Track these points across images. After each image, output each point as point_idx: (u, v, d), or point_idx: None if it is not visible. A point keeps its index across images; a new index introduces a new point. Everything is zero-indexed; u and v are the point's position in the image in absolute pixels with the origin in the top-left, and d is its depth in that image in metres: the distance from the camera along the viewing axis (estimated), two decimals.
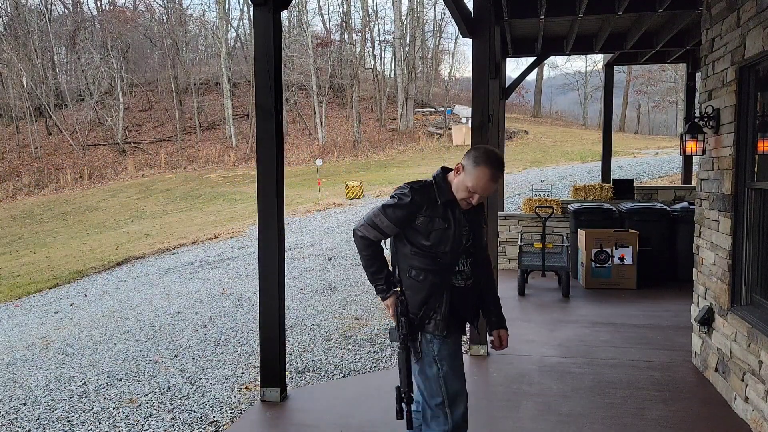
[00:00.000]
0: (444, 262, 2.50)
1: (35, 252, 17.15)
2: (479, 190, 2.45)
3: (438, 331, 2.50)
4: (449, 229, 2.49)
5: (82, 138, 36.64)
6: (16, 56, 36.69)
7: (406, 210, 2.48)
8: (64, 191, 30.22)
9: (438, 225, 2.48)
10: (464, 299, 2.59)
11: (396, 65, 39.07)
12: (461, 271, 2.56)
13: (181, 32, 42.30)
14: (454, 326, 2.57)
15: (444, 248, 2.49)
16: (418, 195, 2.48)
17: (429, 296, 2.51)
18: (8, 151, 35.79)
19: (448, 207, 2.50)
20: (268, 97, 3.82)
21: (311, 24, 46.64)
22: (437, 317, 2.51)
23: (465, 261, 2.56)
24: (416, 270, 2.51)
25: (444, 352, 2.52)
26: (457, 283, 2.55)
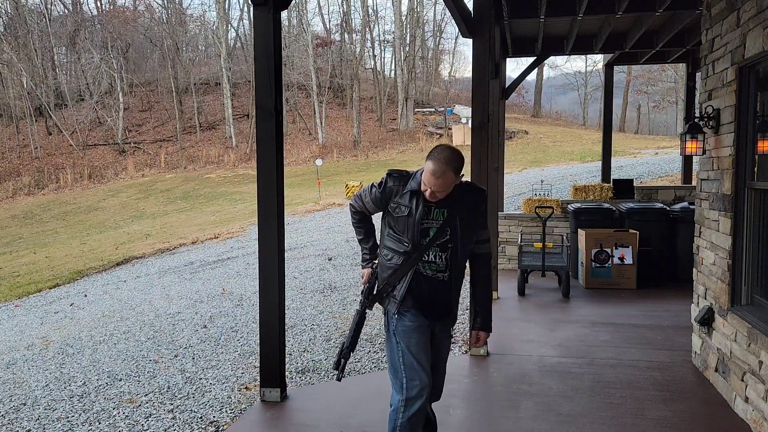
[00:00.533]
0: (408, 249, 2.69)
1: (35, 252, 17.14)
2: (426, 183, 2.60)
3: (393, 310, 2.75)
4: (410, 217, 2.67)
5: (82, 138, 36.64)
6: (16, 56, 36.69)
7: (380, 193, 2.76)
8: (64, 191, 30.22)
9: (402, 212, 2.69)
10: (432, 290, 2.73)
11: (396, 65, 39.06)
12: (431, 263, 2.70)
13: (181, 32, 42.29)
14: (415, 310, 2.74)
15: (407, 235, 2.68)
16: (393, 181, 2.74)
17: (390, 276, 2.74)
18: (8, 151, 35.79)
19: (414, 197, 2.68)
20: (268, 97, 3.82)
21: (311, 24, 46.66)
22: (395, 297, 2.74)
23: (439, 254, 2.69)
24: (386, 249, 2.77)
25: (399, 328, 2.74)
26: (424, 272, 2.71)
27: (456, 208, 2.69)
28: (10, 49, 36.42)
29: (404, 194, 2.69)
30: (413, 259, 2.70)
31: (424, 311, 2.77)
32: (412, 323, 2.75)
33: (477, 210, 2.76)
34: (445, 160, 2.57)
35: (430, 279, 2.72)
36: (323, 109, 36.71)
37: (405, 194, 2.69)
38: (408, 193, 2.69)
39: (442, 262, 2.71)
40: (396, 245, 2.73)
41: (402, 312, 2.75)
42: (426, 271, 2.72)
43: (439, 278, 2.72)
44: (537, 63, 9.11)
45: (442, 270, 2.72)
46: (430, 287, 2.73)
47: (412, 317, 2.75)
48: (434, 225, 2.68)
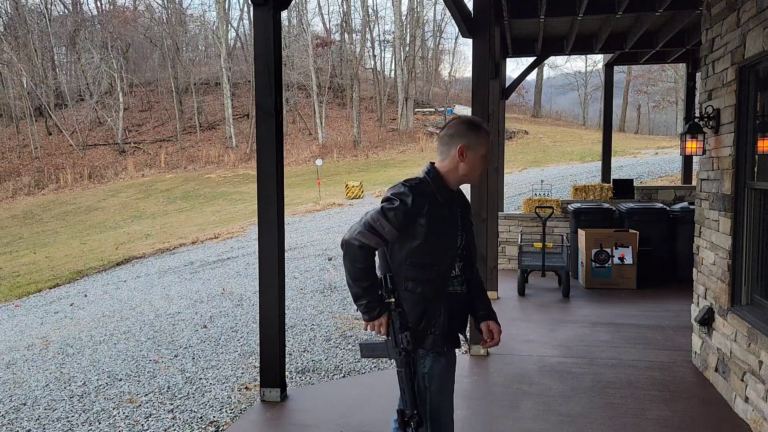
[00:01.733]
0: (442, 269, 2.29)
1: (35, 252, 17.15)
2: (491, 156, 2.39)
3: (437, 347, 2.28)
4: (449, 230, 2.30)
5: (82, 138, 36.64)
6: (16, 56, 36.69)
7: (408, 212, 2.21)
8: (64, 191, 30.23)
9: (439, 227, 2.26)
10: (460, 307, 2.40)
11: (396, 65, 39.07)
12: (457, 276, 2.36)
13: (181, 32, 42.31)
14: (451, 340, 2.35)
15: (442, 252, 2.28)
16: (419, 194, 2.24)
17: (426, 309, 2.27)
18: (8, 151, 35.79)
19: (449, 205, 2.32)
20: (268, 97, 3.82)
21: (311, 24, 46.68)
22: (436, 332, 2.28)
23: (459, 264, 2.37)
24: (413, 282, 2.27)
25: (435, 370, 2.30)
26: (453, 290, 2.34)
27: (462, 206, 2.41)
28: (10, 49, 36.43)
29: (438, 205, 2.27)
30: (447, 279, 2.31)
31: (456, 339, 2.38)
32: (449, 361, 2.35)
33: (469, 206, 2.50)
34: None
35: (458, 296, 2.36)
36: (323, 109, 36.71)
37: (439, 205, 2.27)
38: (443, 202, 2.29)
39: (461, 273, 2.38)
40: (423, 271, 2.26)
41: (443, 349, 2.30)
42: (455, 288, 2.35)
43: (464, 292, 2.39)
44: (537, 63, 9.10)
45: (463, 282, 2.39)
46: (458, 306, 2.37)
47: (450, 353, 2.36)
48: (458, 231, 2.36)
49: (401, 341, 2.25)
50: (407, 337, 2.24)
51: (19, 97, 37.21)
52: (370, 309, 2.30)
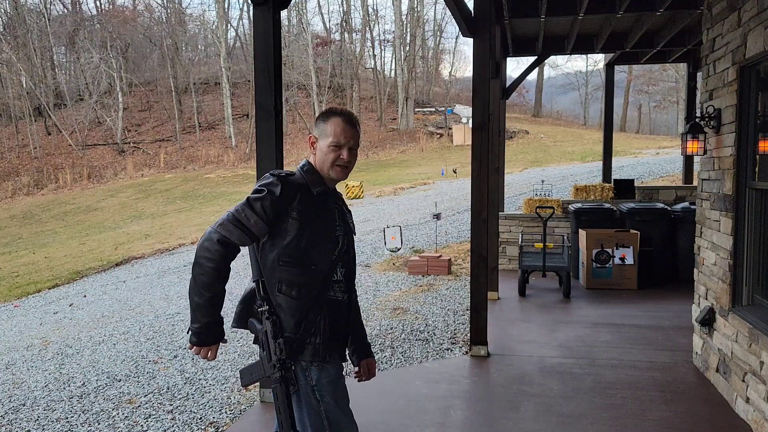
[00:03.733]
0: (320, 270, 2.07)
1: (34, 252, 17.13)
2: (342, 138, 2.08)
3: (318, 358, 2.06)
4: (326, 226, 2.09)
5: (82, 138, 36.62)
6: (15, 56, 36.68)
7: (276, 203, 2.00)
8: (63, 191, 30.21)
9: (313, 222, 2.05)
10: (342, 316, 2.18)
11: (396, 65, 39.06)
12: (338, 282, 2.14)
13: (180, 32, 42.29)
14: (335, 349, 2.15)
15: (320, 250, 2.06)
16: (288, 184, 2.04)
17: (305, 316, 2.04)
18: (7, 151, 35.78)
19: (323, 199, 2.12)
20: (268, 96, 3.80)
21: (311, 23, 46.67)
22: (317, 340, 2.06)
23: (341, 270, 2.15)
24: (287, 284, 2.04)
25: (324, 380, 2.08)
26: (334, 296, 2.13)
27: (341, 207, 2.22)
28: (10, 49, 36.41)
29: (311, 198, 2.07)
30: (324, 284, 2.08)
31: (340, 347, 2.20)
32: (336, 370, 2.13)
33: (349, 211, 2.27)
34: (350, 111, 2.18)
35: (339, 303, 2.15)
36: (323, 108, 36.68)
37: (312, 197, 2.08)
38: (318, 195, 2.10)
39: (343, 279, 2.17)
40: (298, 272, 2.04)
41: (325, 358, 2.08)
42: (336, 294, 2.13)
43: (346, 300, 2.19)
44: (537, 62, 9.09)
45: (344, 289, 2.18)
46: (340, 314, 2.16)
47: (336, 362, 2.14)
48: (339, 232, 2.15)
49: (275, 350, 2.01)
50: (280, 345, 2.00)
51: (18, 96, 37.20)
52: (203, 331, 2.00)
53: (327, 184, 2.15)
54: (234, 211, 2.01)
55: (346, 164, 2.12)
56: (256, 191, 2.04)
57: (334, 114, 2.13)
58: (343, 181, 2.32)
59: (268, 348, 2.03)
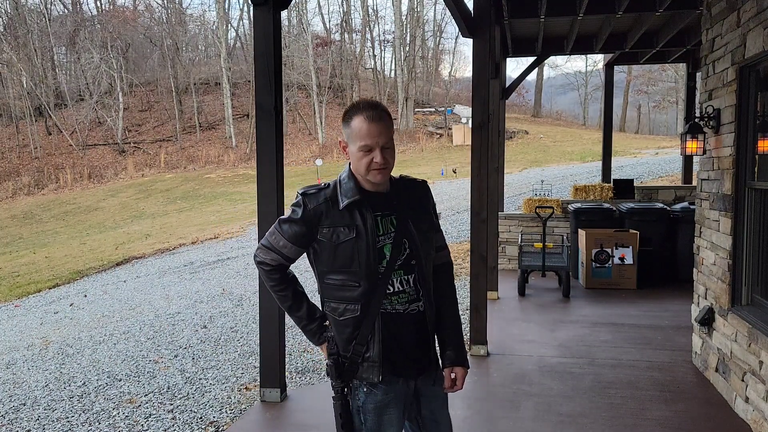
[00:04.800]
0: (366, 287, 1.92)
1: (35, 252, 17.14)
2: (368, 139, 1.88)
3: (373, 377, 1.95)
4: (360, 239, 1.92)
5: (82, 138, 36.63)
6: (15, 56, 36.69)
7: (301, 223, 1.96)
8: (63, 191, 30.22)
9: (343, 236, 1.92)
10: (408, 330, 1.98)
11: (396, 65, 39.07)
12: (399, 293, 1.96)
13: (180, 32, 42.29)
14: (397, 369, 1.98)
15: (358, 269, 1.92)
16: (313, 201, 1.96)
17: (353, 335, 1.95)
18: (8, 151, 35.79)
19: (355, 210, 1.94)
20: (268, 96, 3.81)
21: (311, 24, 46.64)
22: (369, 359, 1.94)
23: (405, 278, 1.97)
24: (334, 301, 1.98)
25: (369, 405, 1.97)
26: (392, 308, 1.96)
27: (403, 210, 2.00)
28: (10, 49, 36.43)
29: (339, 212, 1.94)
30: (376, 298, 1.93)
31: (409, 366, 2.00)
32: (386, 396, 1.97)
33: (427, 208, 2.08)
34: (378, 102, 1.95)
35: (402, 317, 1.97)
36: (323, 108, 36.70)
37: (340, 211, 1.94)
38: (348, 206, 1.94)
39: (411, 288, 1.98)
40: (343, 290, 1.95)
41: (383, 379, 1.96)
42: (395, 306, 1.96)
43: (414, 311, 1.99)
44: (537, 63, 9.10)
45: (414, 299, 1.99)
46: (408, 327, 1.99)
47: (386, 387, 1.97)
48: (387, 240, 1.96)
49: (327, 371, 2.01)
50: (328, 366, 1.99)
51: (18, 97, 37.21)
52: (309, 334, 2.08)
53: (369, 189, 1.98)
54: (269, 233, 2.05)
55: (383, 166, 1.91)
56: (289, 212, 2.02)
57: (356, 112, 1.91)
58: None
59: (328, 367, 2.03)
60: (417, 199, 2.06)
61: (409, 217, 2.00)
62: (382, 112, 1.92)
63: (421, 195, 2.08)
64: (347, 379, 1.97)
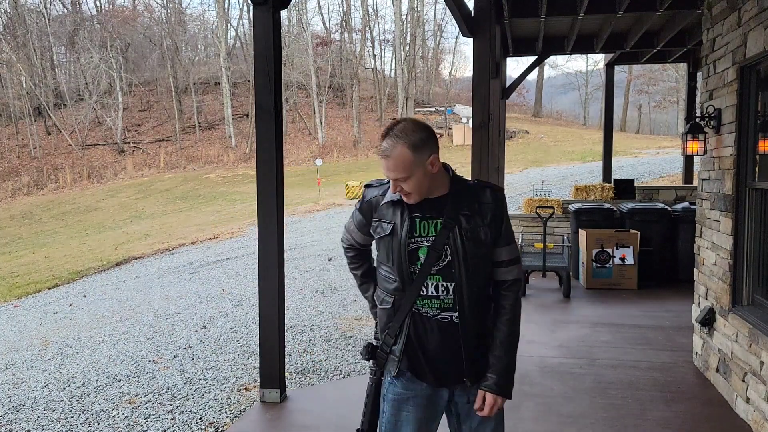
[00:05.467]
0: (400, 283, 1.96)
1: (34, 252, 17.13)
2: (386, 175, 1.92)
3: (392, 369, 2.00)
4: (393, 237, 1.95)
5: (81, 138, 36.63)
6: (15, 56, 36.68)
7: (360, 212, 2.09)
8: (63, 191, 30.22)
9: (381, 231, 1.99)
10: (434, 337, 1.96)
11: (396, 65, 39.08)
12: (432, 298, 1.94)
13: (180, 32, 42.30)
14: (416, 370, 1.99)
15: (393, 264, 1.96)
16: (369, 194, 2.05)
17: (387, 323, 2.01)
18: (7, 151, 35.78)
19: (397, 207, 1.96)
20: (268, 96, 3.80)
21: (311, 23, 46.66)
22: (394, 351, 1.99)
23: (443, 285, 1.94)
24: (380, 289, 2.07)
25: (389, 395, 2.02)
26: (423, 311, 1.95)
27: (452, 216, 1.93)
28: (10, 49, 36.42)
29: (385, 204, 1.99)
30: (407, 297, 1.96)
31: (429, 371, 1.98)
32: (405, 392, 2.01)
33: (488, 217, 1.95)
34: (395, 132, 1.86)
35: (434, 322, 1.95)
36: (323, 108, 36.71)
37: (386, 205, 1.98)
38: (389, 203, 1.98)
39: (448, 297, 1.93)
40: (385, 282, 2.02)
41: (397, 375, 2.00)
42: (426, 310, 1.95)
43: (446, 320, 1.94)
44: (538, 62, 9.09)
45: (449, 307, 1.94)
46: (434, 333, 1.96)
47: (405, 383, 2.01)
48: (424, 243, 1.93)
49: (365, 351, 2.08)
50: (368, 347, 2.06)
51: (18, 96, 37.21)
52: (373, 315, 2.18)
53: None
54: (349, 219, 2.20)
55: (402, 192, 1.92)
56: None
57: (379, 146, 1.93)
58: (345, 181, 2.29)
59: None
60: (478, 207, 1.95)
61: (458, 224, 1.92)
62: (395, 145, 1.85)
63: (486, 203, 1.96)
64: (379, 362, 2.03)
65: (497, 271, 2.00)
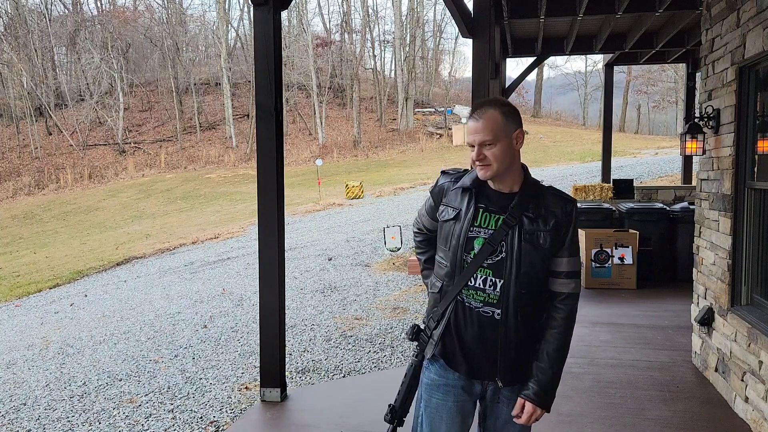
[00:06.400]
0: (451, 270, 1.98)
1: (35, 252, 17.15)
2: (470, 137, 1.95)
3: (428, 352, 2.02)
4: (457, 222, 1.97)
5: (82, 138, 36.65)
6: (16, 56, 36.71)
7: (432, 196, 2.13)
8: (64, 191, 30.24)
9: (448, 215, 2.01)
10: (473, 329, 1.96)
11: (396, 65, 39.08)
12: (479, 290, 1.94)
13: (181, 32, 42.30)
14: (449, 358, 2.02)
15: (448, 249, 2.00)
16: (443, 179, 2.09)
17: (433, 307, 2.05)
18: (8, 151, 35.80)
19: (466, 194, 1.99)
20: (268, 97, 3.82)
21: (311, 24, 46.68)
22: (433, 336, 2.02)
23: (492, 279, 1.94)
24: (433, 274, 2.12)
25: (425, 380, 2.06)
26: (467, 301, 1.96)
27: (516, 214, 1.93)
28: (10, 49, 36.44)
29: (454, 190, 2.03)
30: (456, 284, 1.97)
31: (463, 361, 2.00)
32: (438, 378, 2.05)
33: (551, 223, 1.93)
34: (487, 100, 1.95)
35: (475, 314, 1.95)
36: (323, 109, 36.72)
37: (455, 191, 2.02)
38: (459, 189, 2.01)
39: (495, 292, 1.93)
40: (439, 267, 2.06)
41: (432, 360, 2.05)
42: (470, 301, 1.96)
43: (487, 314, 1.94)
44: (537, 63, 9.11)
45: (493, 303, 1.93)
46: (474, 325, 1.96)
47: (439, 369, 2.04)
48: (482, 234, 1.94)
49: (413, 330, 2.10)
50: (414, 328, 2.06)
51: (19, 97, 37.23)
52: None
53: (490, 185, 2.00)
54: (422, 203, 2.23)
55: (482, 161, 1.91)
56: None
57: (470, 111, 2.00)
58: (345, 181, 2.32)
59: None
60: (544, 212, 1.94)
61: (520, 224, 1.93)
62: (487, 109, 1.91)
63: (553, 210, 1.95)
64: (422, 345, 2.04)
65: (554, 282, 1.99)
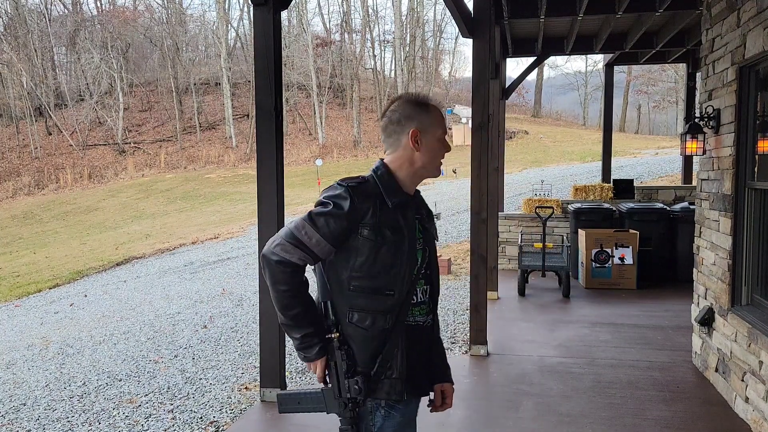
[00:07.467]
0: (398, 295, 1.74)
1: (35, 252, 17.14)
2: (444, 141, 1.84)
3: (395, 395, 1.74)
4: (404, 243, 1.74)
5: (82, 138, 36.64)
6: (16, 56, 36.70)
7: (345, 219, 1.70)
8: (64, 191, 30.22)
9: (388, 240, 1.72)
10: (422, 342, 1.83)
11: (396, 65, 39.09)
12: (421, 303, 1.81)
13: (181, 32, 42.29)
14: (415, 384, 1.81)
15: (397, 275, 1.73)
16: (359, 196, 1.71)
17: (380, 349, 1.73)
18: (8, 151, 35.79)
19: (400, 211, 1.76)
20: (268, 97, 3.81)
21: (311, 24, 46.56)
22: (393, 374, 1.73)
23: (424, 288, 1.83)
24: (360, 313, 1.73)
25: (387, 428, 1.77)
26: (414, 321, 1.80)
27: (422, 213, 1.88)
28: (10, 49, 36.44)
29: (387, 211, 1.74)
30: (405, 307, 1.76)
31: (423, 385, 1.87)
32: (404, 418, 1.80)
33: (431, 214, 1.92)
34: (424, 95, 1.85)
35: (420, 329, 1.81)
36: (323, 109, 36.71)
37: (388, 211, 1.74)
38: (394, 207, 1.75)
39: (428, 299, 1.85)
40: (371, 299, 1.73)
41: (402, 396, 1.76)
42: (416, 318, 1.81)
43: (427, 325, 1.85)
44: (537, 63, 9.10)
45: (429, 311, 1.85)
46: (421, 343, 1.82)
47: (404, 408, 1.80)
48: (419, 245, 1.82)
49: (349, 390, 1.73)
50: (359, 384, 1.71)
51: (19, 97, 37.22)
52: (305, 346, 1.77)
53: (407, 190, 1.81)
54: (294, 227, 1.74)
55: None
56: (320, 203, 1.74)
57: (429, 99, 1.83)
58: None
59: (337, 383, 1.76)
60: (428, 208, 1.92)
61: (428, 224, 1.87)
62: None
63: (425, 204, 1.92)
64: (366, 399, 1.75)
65: None
